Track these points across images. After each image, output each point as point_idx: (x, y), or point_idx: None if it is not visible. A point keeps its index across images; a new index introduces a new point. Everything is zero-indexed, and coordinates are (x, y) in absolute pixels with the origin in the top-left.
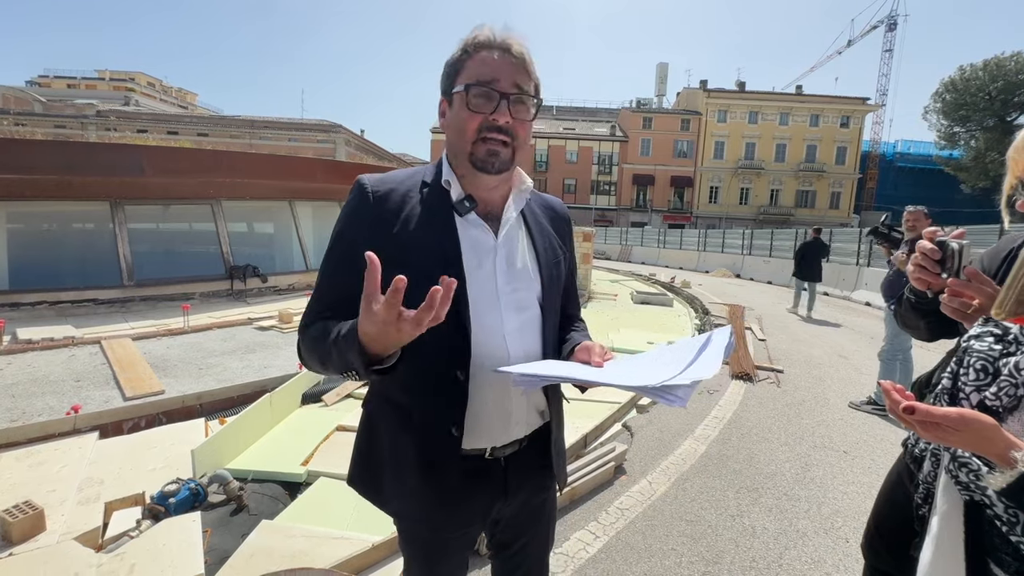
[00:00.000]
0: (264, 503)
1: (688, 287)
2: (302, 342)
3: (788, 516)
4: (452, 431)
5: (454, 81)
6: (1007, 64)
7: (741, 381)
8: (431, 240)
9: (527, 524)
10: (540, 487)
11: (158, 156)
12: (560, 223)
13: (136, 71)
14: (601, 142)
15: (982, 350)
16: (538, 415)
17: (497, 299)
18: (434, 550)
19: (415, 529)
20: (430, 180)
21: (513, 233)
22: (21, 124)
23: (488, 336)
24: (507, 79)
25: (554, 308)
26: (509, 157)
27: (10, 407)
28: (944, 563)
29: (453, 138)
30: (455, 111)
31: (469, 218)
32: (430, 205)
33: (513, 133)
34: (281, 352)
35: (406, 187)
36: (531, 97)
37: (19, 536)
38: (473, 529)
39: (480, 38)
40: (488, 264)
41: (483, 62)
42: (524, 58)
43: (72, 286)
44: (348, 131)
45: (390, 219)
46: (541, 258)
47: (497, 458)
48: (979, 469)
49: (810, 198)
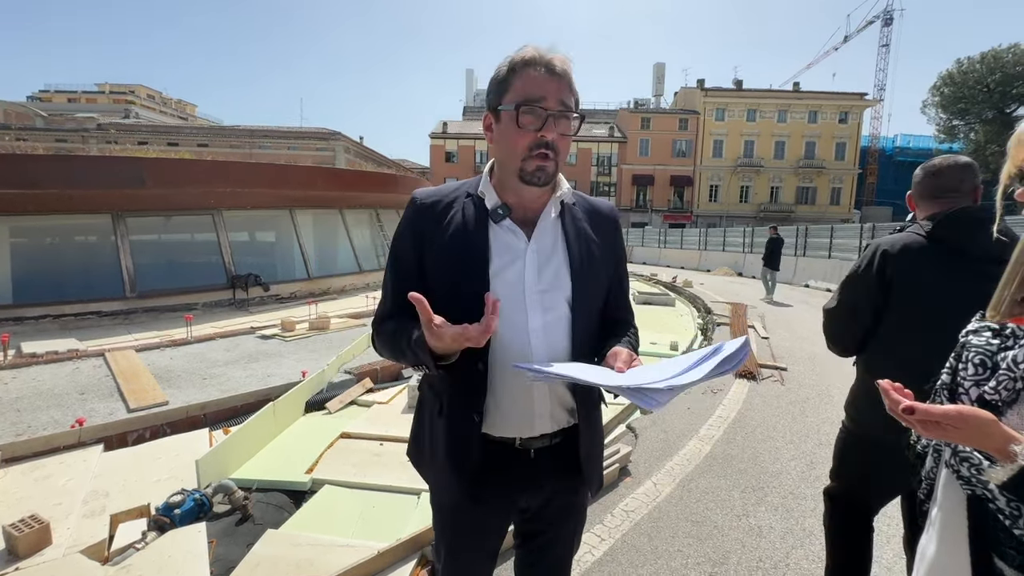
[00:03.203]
0: (269, 512)
1: (690, 286)
2: (376, 337)
3: (794, 515)
4: (474, 417)
5: (501, 98)
6: (1004, 56)
7: (745, 380)
8: (462, 244)
9: (554, 521)
10: (570, 488)
11: (159, 168)
12: (605, 226)
13: (136, 84)
14: (600, 143)
15: (980, 345)
16: (566, 412)
17: (524, 298)
18: (458, 525)
19: (442, 502)
20: (473, 191)
21: (547, 236)
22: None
23: (513, 332)
24: (553, 97)
25: (587, 310)
26: (553, 170)
27: (15, 421)
28: (948, 559)
29: (502, 154)
30: (504, 128)
31: (504, 224)
32: (468, 214)
33: (557, 148)
34: (284, 360)
35: (451, 199)
36: (574, 113)
37: (25, 550)
38: (498, 515)
39: (526, 56)
40: (517, 265)
41: (530, 80)
42: (568, 76)
43: (75, 299)
44: (347, 138)
45: (432, 228)
46: (575, 261)
47: (527, 449)
48: (980, 463)
49: (810, 194)
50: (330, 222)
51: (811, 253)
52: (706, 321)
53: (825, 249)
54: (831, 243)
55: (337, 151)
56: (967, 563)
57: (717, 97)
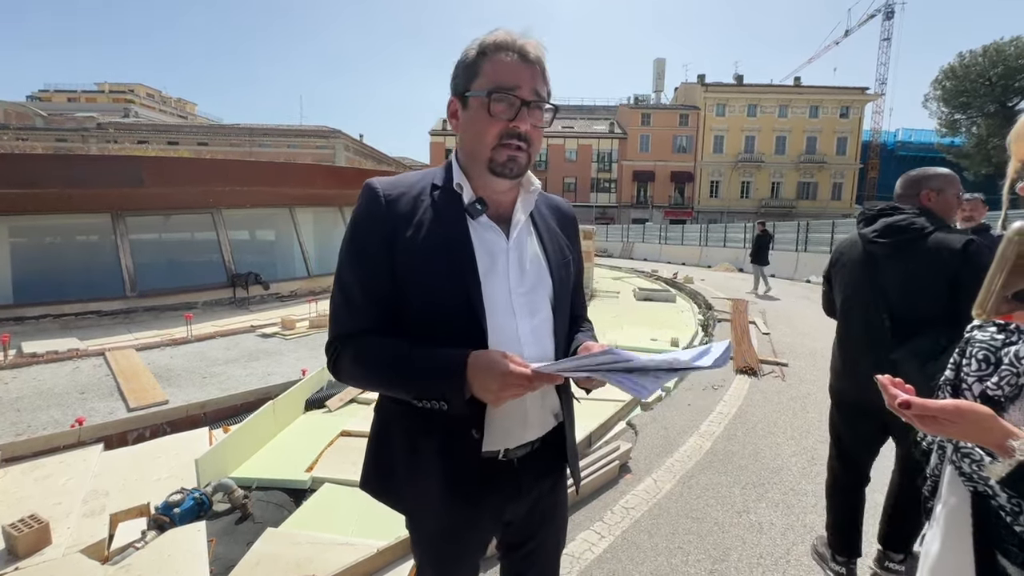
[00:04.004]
0: (269, 511)
1: (691, 282)
2: (348, 357)
3: (795, 511)
4: (473, 433)
5: (470, 83)
6: (1007, 49)
7: (745, 376)
8: (443, 243)
9: (539, 525)
10: (552, 488)
11: (158, 167)
12: (567, 224)
13: (135, 83)
14: (600, 140)
15: (984, 340)
16: (552, 417)
17: (510, 302)
18: (446, 552)
19: (429, 530)
20: (440, 183)
21: (523, 235)
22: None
23: (504, 339)
24: (527, 86)
25: (564, 310)
26: (525, 162)
27: (15, 421)
28: (952, 556)
29: (470, 142)
30: (473, 115)
31: (481, 220)
32: (441, 208)
33: (530, 140)
34: (284, 359)
35: (417, 190)
36: (548, 104)
37: (25, 550)
38: (486, 532)
39: (498, 39)
40: (501, 266)
41: (502, 66)
42: (542, 63)
43: (76, 298)
44: (347, 136)
45: (403, 223)
46: (551, 259)
47: (510, 459)
48: (981, 459)
49: (811, 190)
50: (330, 220)
51: (812, 248)
52: (707, 317)
53: (826, 244)
54: (832, 238)
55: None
56: (971, 561)
57: (718, 93)
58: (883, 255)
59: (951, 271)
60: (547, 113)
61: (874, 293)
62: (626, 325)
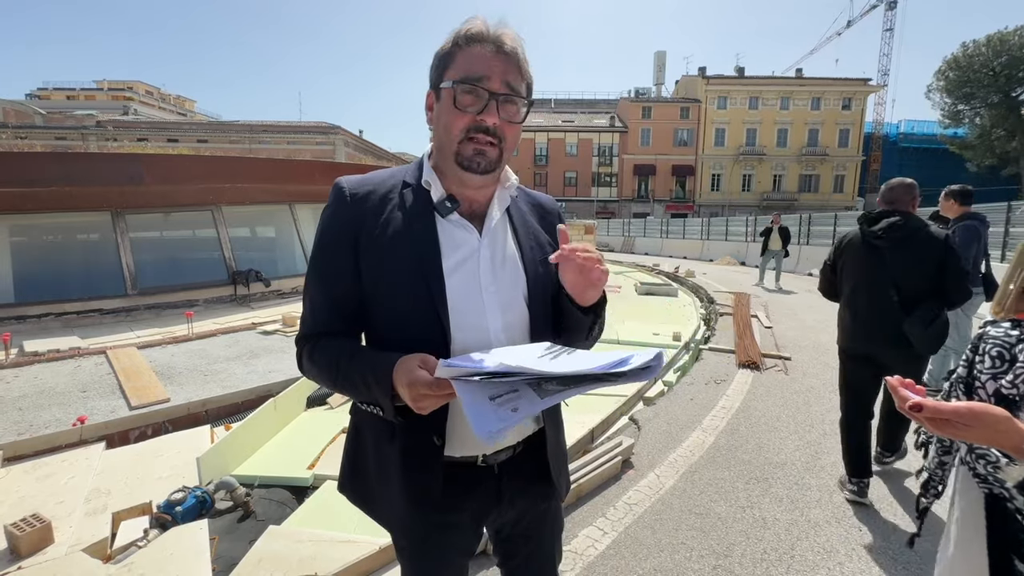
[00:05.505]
0: (271, 508)
1: (692, 277)
2: (306, 356)
3: (799, 506)
4: (434, 439)
5: (442, 74)
6: (1011, 39)
7: (748, 370)
8: (409, 241)
9: (530, 534)
10: (541, 495)
11: (158, 164)
12: (550, 220)
13: (134, 80)
14: (601, 133)
15: (998, 336)
16: (531, 420)
17: (481, 299)
18: (423, 558)
19: (402, 537)
20: (411, 180)
21: (498, 232)
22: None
23: (472, 336)
24: (498, 77)
25: (543, 308)
26: (496, 158)
27: (17, 420)
28: (966, 559)
29: (439, 135)
30: (442, 107)
31: (451, 218)
32: (410, 206)
33: (501, 135)
34: (285, 356)
35: (386, 187)
36: (522, 98)
37: (27, 549)
38: (465, 537)
39: (472, 30)
40: (471, 264)
41: (474, 57)
42: (517, 55)
43: (77, 297)
44: (347, 132)
45: (369, 221)
46: (526, 256)
47: (490, 465)
48: (997, 461)
49: (814, 182)
50: None
51: (814, 241)
52: (709, 311)
53: (828, 237)
54: (835, 231)
55: (337, 145)
56: (985, 564)
57: (719, 85)
58: (888, 247)
59: (939, 257)
60: (522, 108)
61: (883, 276)
62: (628, 320)
